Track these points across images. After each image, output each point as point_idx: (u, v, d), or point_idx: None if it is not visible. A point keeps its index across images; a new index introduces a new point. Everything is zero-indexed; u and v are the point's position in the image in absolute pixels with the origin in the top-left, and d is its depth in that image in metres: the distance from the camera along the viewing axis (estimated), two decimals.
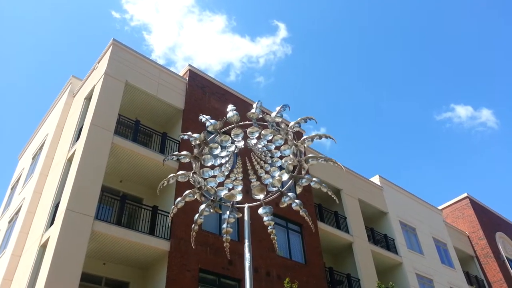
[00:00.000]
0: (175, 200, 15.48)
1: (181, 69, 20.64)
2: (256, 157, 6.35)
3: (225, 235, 5.73)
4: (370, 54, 74.16)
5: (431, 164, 76.77)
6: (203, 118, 6.46)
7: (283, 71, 79.11)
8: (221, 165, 6.29)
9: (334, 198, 5.59)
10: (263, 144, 6.19)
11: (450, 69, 75.69)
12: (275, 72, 79.01)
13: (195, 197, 6.00)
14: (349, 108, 79.72)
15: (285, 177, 5.73)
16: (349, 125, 78.50)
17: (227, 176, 6.26)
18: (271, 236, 5.55)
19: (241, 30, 76.50)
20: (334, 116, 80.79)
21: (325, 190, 5.47)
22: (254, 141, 6.22)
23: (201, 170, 6.22)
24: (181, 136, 6.56)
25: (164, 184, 6.25)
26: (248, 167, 6.30)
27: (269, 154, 6.16)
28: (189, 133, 6.50)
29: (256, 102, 6.32)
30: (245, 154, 6.69)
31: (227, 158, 6.32)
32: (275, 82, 78.90)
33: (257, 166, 6.23)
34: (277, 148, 6.16)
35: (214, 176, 6.18)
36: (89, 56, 71.20)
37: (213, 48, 77.67)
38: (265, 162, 6.19)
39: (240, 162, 6.51)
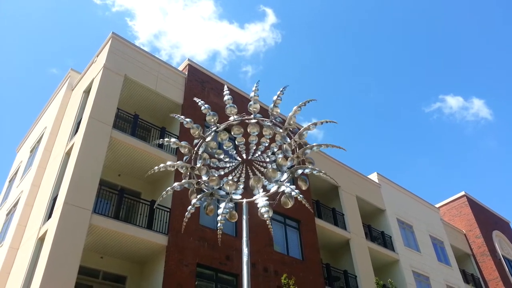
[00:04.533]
0: (173, 195, 15.43)
1: (166, 58, 20.59)
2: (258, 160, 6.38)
3: (219, 225, 5.78)
4: (359, 43, 73.85)
5: (427, 157, 76.74)
6: (200, 102, 6.45)
7: (272, 59, 78.38)
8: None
9: (333, 180, 5.75)
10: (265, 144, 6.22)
11: (437, 60, 75.34)
12: (264, 60, 78.40)
13: (194, 191, 6.02)
14: (341, 102, 79.55)
15: (285, 167, 5.79)
16: (343, 119, 78.26)
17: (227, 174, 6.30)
18: (267, 221, 5.58)
19: (229, 16, 75.68)
20: (326, 108, 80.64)
21: (323, 176, 5.58)
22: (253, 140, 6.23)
23: (200, 166, 6.24)
24: (181, 120, 6.52)
25: (168, 193, 6.29)
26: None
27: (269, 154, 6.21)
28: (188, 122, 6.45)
29: (256, 84, 6.27)
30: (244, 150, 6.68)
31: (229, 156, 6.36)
32: (264, 71, 78.14)
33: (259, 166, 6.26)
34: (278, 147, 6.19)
35: (219, 176, 6.22)
36: (73, 44, 69.28)
37: (200, 35, 76.55)
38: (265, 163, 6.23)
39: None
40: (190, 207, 6.01)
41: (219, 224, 5.82)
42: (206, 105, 6.43)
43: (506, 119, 72.86)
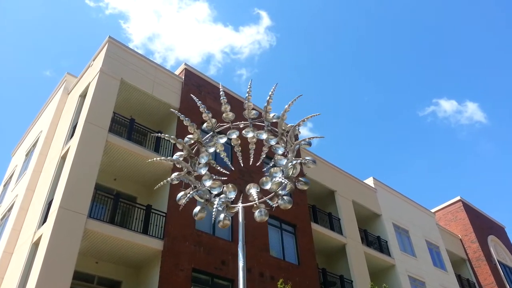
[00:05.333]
0: (169, 199, 15.43)
1: (160, 60, 20.61)
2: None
3: (213, 214, 5.77)
4: (354, 46, 73.97)
5: (422, 162, 76.70)
6: (201, 107, 6.46)
7: (267, 62, 78.32)
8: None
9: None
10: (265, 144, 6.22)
11: (430, 63, 75.39)
12: (259, 63, 78.39)
13: (190, 194, 6.02)
14: (336, 105, 79.62)
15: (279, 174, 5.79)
16: (338, 122, 78.39)
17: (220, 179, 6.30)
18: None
19: (224, 19, 75.70)
20: (321, 112, 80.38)
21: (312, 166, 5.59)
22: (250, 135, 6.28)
23: (196, 169, 6.24)
24: (183, 119, 6.56)
25: (169, 182, 6.28)
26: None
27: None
28: (182, 139, 6.49)
29: (249, 86, 6.26)
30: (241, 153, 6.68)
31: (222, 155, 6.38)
32: (259, 74, 77.99)
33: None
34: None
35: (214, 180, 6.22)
36: (66, 46, 69.07)
37: (194, 38, 76.42)
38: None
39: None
40: (190, 193, 6.00)
41: (213, 217, 5.83)
42: (207, 111, 6.44)
43: (501, 122, 73.24)
